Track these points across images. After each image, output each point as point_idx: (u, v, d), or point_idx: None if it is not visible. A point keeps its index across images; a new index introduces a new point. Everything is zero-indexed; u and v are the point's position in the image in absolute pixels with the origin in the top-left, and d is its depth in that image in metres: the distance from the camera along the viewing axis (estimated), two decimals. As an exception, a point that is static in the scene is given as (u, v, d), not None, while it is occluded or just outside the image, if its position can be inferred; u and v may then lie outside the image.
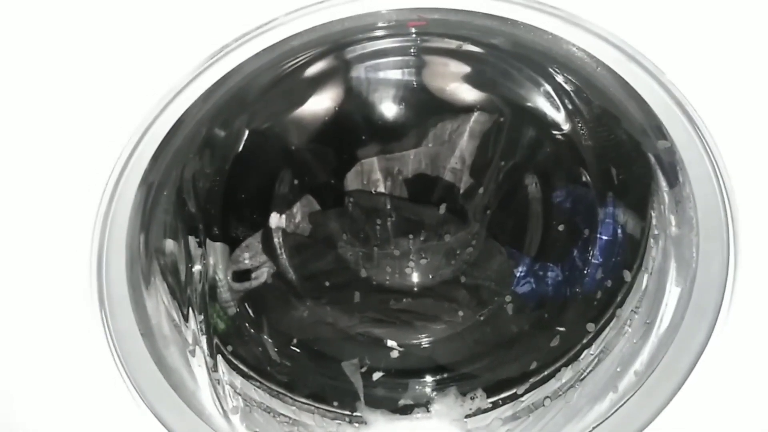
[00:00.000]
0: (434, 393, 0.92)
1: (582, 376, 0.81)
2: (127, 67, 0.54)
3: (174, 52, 0.55)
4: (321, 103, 0.91)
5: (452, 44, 0.81)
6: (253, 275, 0.98)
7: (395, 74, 0.90)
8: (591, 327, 0.84)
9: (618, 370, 0.76)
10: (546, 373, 0.86)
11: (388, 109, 0.93)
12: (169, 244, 0.78)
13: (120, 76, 0.55)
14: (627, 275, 0.83)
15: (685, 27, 0.53)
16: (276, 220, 0.98)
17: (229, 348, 0.87)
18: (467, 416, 0.88)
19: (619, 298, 0.83)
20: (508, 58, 0.82)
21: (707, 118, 0.56)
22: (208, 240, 0.88)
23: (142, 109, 0.55)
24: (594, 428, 0.73)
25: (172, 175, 0.73)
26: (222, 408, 0.78)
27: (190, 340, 0.78)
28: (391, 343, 0.98)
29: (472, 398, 0.89)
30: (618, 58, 0.55)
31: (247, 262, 0.98)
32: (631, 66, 0.55)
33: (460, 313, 0.98)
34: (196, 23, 0.54)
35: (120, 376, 0.65)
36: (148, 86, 0.55)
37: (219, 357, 0.83)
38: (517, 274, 0.98)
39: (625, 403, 0.72)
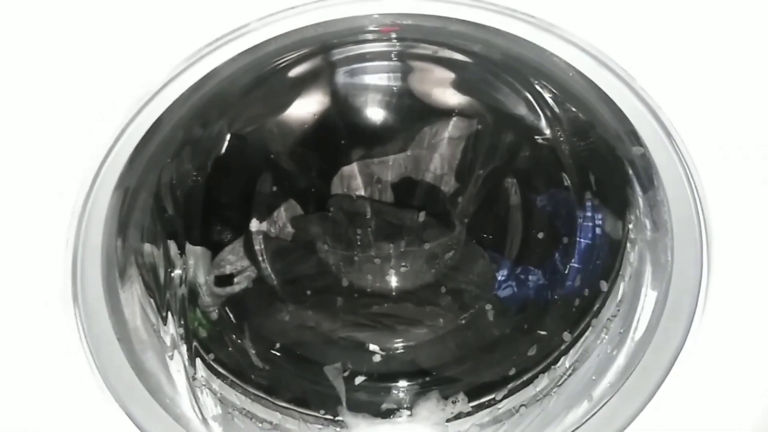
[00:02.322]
0: (416, 397, 0.92)
1: (558, 383, 0.81)
2: (102, 68, 0.54)
3: (150, 54, 0.54)
4: (303, 108, 0.91)
5: (429, 49, 0.81)
6: (236, 280, 0.98)
7: (375, 79, 0.90)
8: (567, 336, 0.85)
9: (593, 378, 0.77)
10: (524, 379, 0.86)
11: (370, 113, 0.93)
12: (148, 249, 0.78)
13: (94, 78, 0.54)
14: (604, 285, 0.83)
15: (654, 33, 0.54)
16: (257, 224, 0.98)
17: (210, 353, 0.86)
18: (448, 420, 0.88)
19: (595, 308, 0.84)
20: (487, 64, 0.82)
21: (678, 123, 0.56)
22: (188, 244, 0.87)
23: (117, 112, 0.55)
24: (569, 434, 0.73)
25: (148, 179, 0.72)
26: (201, 414, 0.77)
27: (168, 344, 0.78)
28: (373, 347, 0.98)
29: (453, 402, 0.89)
30: (590, 64, 0.56)
31: (229, 266, 0.97)
32: (603, 72, 0.56)
33: (441, 319, 0.98)
34: (174, 25, 0.54)
35: (96, 381, 0.64)
36: (122, 89, 0.55)
37: (199, 362, 0.82)
38: (499, 278, 0.99)
39: (600, 409, 0.72)
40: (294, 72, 0.84)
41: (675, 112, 0.56)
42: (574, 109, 0.80)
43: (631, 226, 0.78)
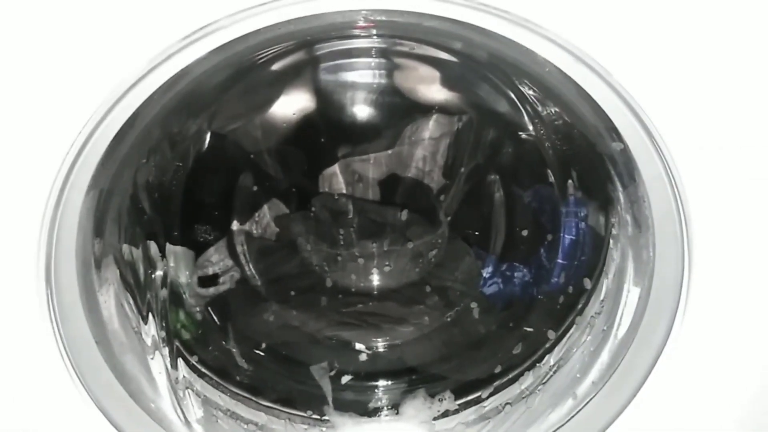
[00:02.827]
0: (403, 395, 0.92)
1: (543, 381, 0.81)
2: (71, 66, 0.53)
3: (121, 51, 0.53)
4: (285, 106, 0.91)
5: (407, 46, 0.81)
6: (220, 280, 0.97)
7: (356, 76, 0.89)
8: (552, 334, 0.85)
9: (578, 376, 0.76)
10: (509, 376, 0.86)
11: (352, 111, 0.93)
12: (126, 249, 0.77)
13: (62, 76, 0.53)
14: (587, 283, 0.83)
15: (630, 28, 0.54)
16: (239, 224, 0.97)
17: (193, 354, 0.85)
18: (435, 418, 0.88)
19: (579, 305, 0.83)
20: (468, 61, 0.82)
21: (656, 118, 0.56)
22: (168, 245, 0.86)
23: (87, 111, 0.54)
24: (554, 432, 0.73)
25: (123, 179, 0.71)
26: (183, 416, 0.76)
27: (149, 345, 0.77)
28: (359, 346, 0.97)
29: (440, 400, 0.89)
30: (567, 60, 0.55)
31: (213, 267, 0.96)
32: (581, 68, 0.55)
33: (426, 317, 0.97)
34: (146, 21, 0.53)
35: (74, 385, 0.64)
36: (92, 86, 0.54)
37: (181, 363, 0.82)
38: (485, 275, 0.99)
39: (584, 406, 0.72)
40: (274, 68, 0.83)
41: (652, 108, 0.56)
42: (554, 106, 0.80)
43: (613, 222, 0.78)
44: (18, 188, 0.56)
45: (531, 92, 0.81)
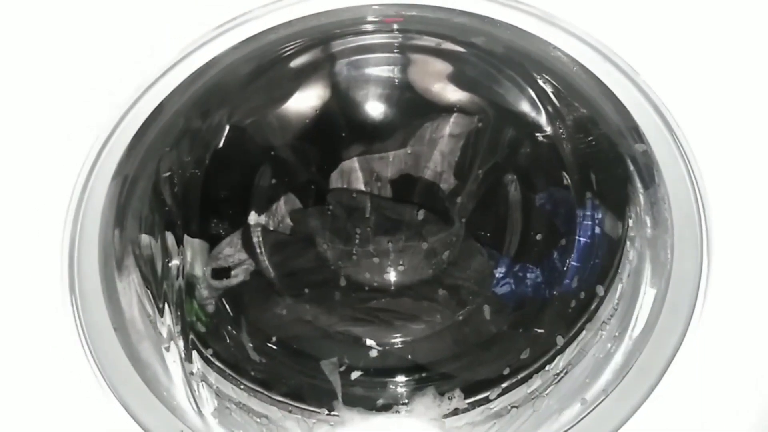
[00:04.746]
0: (413, 392, 0.92)
1: (552, 383, 0.81)
2: (101, 55, 0.54)
3: (150, 41, 0.54)
4: (303, 101, 0.91)
5: (432, 42, 0.81)
6: (233, 273, 0.97)
7: (377, 71, 0.89)
8: (560, 340, 0.85)
9: (587, 381, 0.76)
10: (519, 377, 0.86)
11: (370, 108, 0.93)
12: (145, 239, 0.77)
13: (93, 65, 0.54)
14: (600, 290, 0.83)
15: (659, 27, 0.54)
16: (256, 217, 0.98)
17: (207, 345, 0.86)
18: (445, 416, 0.88)
19: (590, 311, 0.83)
20: (489, 57, 0.82)
21: (681, 119, 0.56)
22: (186, 236, 0.87)
23: (116, 99, 0.55)
24: (563, 433, 0.73)
25: (147, 169, 0.72)
26: (197, 406, 0.77)
27: (165, 335, 0.77)
28: (370, 342, 0.97)
29: (450, 398, 0.89)
30: (593, 58, 0.55)
31: (226, 259, 0.97)
32: (607, 66, 0.55)
33: (438, 315, 0.97)
34: (175, 12, 0.54)
35: (91, 370, 0.64)
36: (121, 76, 0.54)
37: (195, 354, 0.82)
38: (497, 275, 0.99)
39: (593, 409, 0.72)
40: (295, 63, 0.83)
41: (678, 108, 0.56)
42: (576, 105, 0.79)
43: (631, 223, 0.78)
44: (46, 175, 0.57)
45: (553, 90, 0.81)
